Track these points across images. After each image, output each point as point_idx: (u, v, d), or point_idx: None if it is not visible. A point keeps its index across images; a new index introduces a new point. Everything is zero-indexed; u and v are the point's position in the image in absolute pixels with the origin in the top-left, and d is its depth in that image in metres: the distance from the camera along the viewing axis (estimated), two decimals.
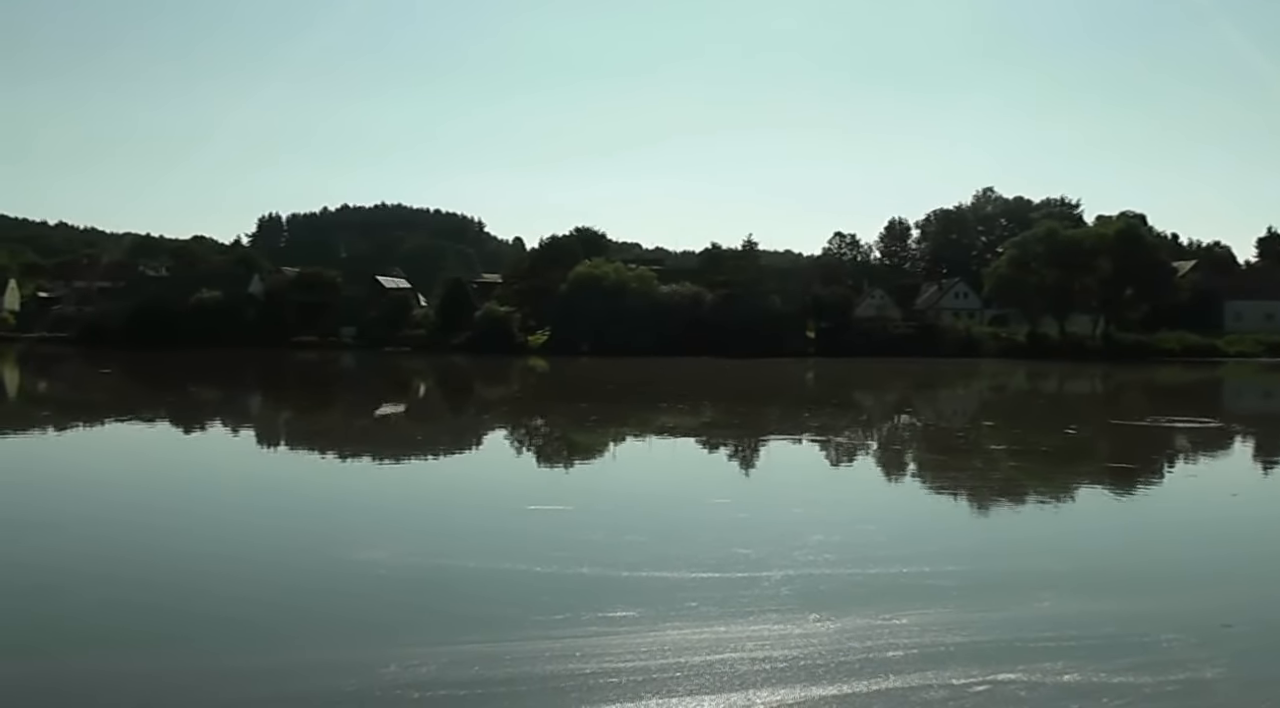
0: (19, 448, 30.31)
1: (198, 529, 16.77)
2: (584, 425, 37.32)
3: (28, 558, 14.44)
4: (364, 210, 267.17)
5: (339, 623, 11.25)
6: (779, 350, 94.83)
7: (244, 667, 9.66)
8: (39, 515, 18.00)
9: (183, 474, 24.10)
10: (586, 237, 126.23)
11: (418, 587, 12.76)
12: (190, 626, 11.20)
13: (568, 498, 20.33)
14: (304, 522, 17.69)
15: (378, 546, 14.74)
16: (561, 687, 9.01)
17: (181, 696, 9.00)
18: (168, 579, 13.23)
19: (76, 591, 12.62)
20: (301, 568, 13.97)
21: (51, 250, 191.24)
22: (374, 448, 29.91)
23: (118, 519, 17.70)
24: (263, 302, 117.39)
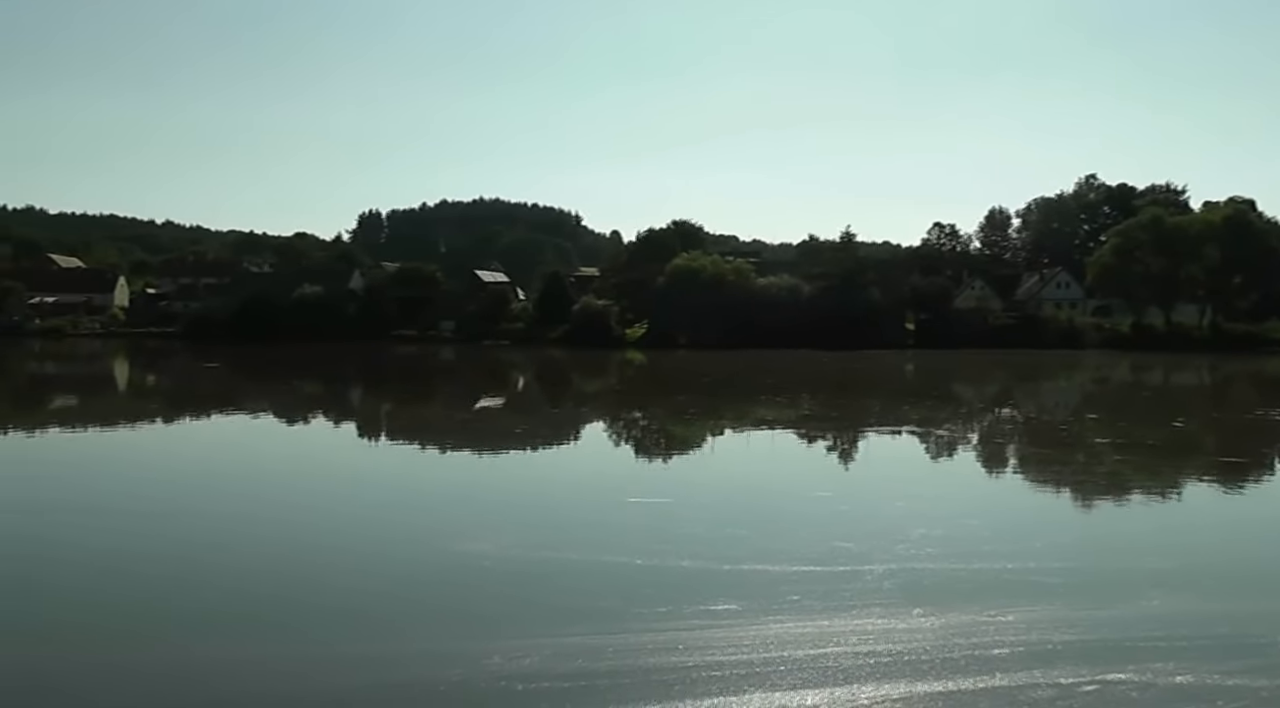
0: (129, 440, 31.07)
1: (304, 521, 17.08)
2: (682, 418, 37.34)
3: (142, 548, 14.79)
4: (463, 205, 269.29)
5: (444, 614, 11.39)
6: (877, 342, 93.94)
7: (352, 655, 9.82)
8: (152, 506, 18.43)
9: (287, 467, 24.56)
10: (684, 229, 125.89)
11: (521, 579, 12.87)
12: (300, 615, 11.44)
13: (668, 491, 20.38)
14: (408, 514, 17.92)
15: (481, 538, 14.89)
16: (665, 679, 9.03)
17: (293, 683, 9.16)
18: (277, 570, 13.51)
19: (190, 580, 12.93)
20: (407, 560, 14.14)
21: (159, 248, 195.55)
22: (474, 441, 30.17)
23: (227, 511, 18.07)
24: (363, 297, 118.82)
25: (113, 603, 11.89)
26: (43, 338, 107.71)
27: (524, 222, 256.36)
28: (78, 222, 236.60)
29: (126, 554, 14.29)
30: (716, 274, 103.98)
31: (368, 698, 8.82)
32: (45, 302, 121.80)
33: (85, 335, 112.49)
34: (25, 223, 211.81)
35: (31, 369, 70.21)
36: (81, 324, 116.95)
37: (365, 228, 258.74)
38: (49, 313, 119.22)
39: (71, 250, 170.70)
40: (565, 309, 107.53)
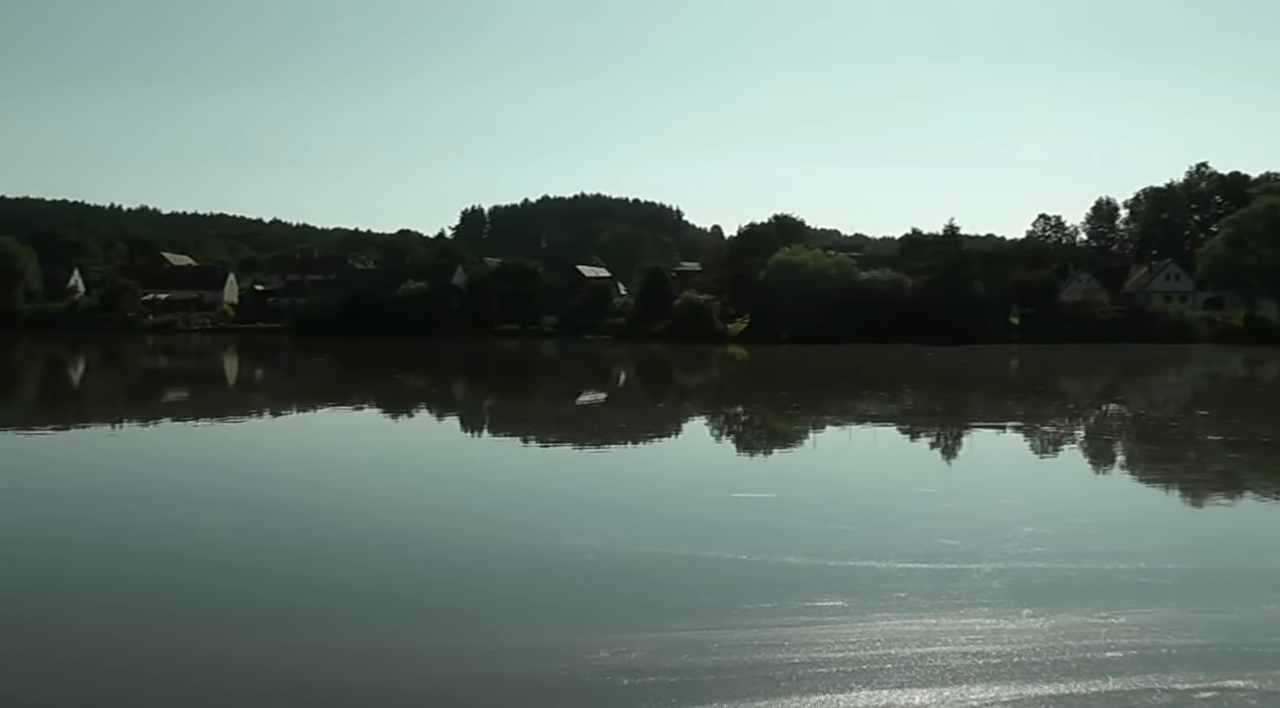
0: (239, 433, 31.73)
1: (408, 516, 17.28)
2: (784, 413, 37.20)
3: (264, 540, 15.12)
4: (564, 201, 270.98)
5: (549, 608, 11.46)
6: (981, 337, 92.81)
7: (458, 648, 9.93)
8: (244, 498, 18.82)
9: (389, 462, 24.85)
10: (785, 224, 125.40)
11: (625, 573, 12.92)
12: (407, 607, 11.58)
13: (771, 486, 20.29)
14: (511, 509, 18.04)
15: (585, 532, 14.96)
16: (771, 676, 9.01)
17: (400, 675, 9.28)
18: (380, 563, 13.69)
19: (294, 572, 13.17)
20: (511, 554, 14.24)
21: (267, 246, 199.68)
22: (576, 436, 30.32)
23: (327, 504, 18.37)
24: (466, 292, 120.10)
25: (217, 593, 12.16)
26: (156, 333, 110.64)
27: (625, 217, 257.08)
28: (189, 221, 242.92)
29: (228, 546, 14.59)
30: (818, 268, 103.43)
31: (474, 691, 8.90)
32: (158, 298, 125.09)
33: (196, 331, 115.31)
34: (140, 223, 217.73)
35: (145, 363, 72.05)
36: (193, 320, 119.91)
37: (468, 224, 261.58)
38: (162, 309, 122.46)
39: (183, 249, 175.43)
40: (666, 304, 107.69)
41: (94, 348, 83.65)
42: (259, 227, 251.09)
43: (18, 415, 36.72)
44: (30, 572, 13.13)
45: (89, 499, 18.39)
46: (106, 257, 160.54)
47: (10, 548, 14.51)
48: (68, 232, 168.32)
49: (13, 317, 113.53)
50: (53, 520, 16.37)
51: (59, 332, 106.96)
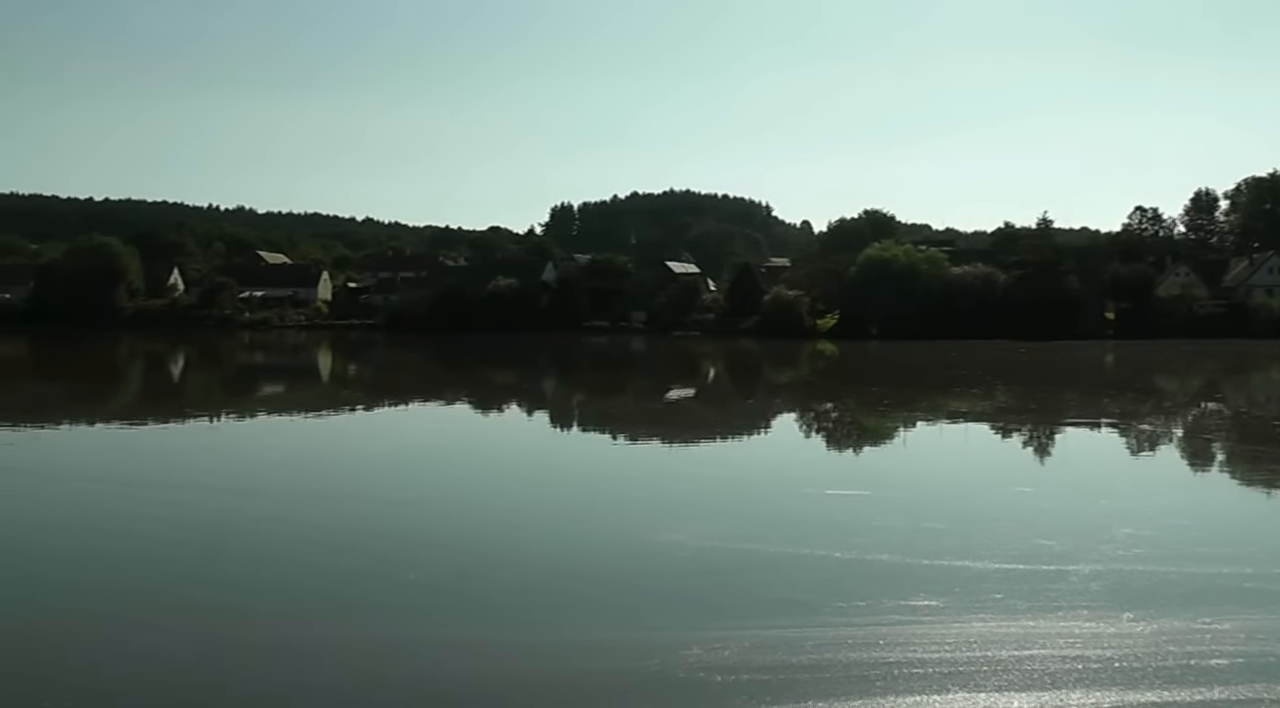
0: (333, 427, 32.18)
1: (502, 512, 17.36)
2: (875, 410, 36.88)
3: (362, 535, 15.31)
4: (653, 197, 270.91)
5: (642, 604, 11.48)
6: (1076, 333, 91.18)
7: (554, 642, 9.98)
8: (354, 495, 19.05)
9: (480, 457, 25.07)
10: (875, 219, 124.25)
11: (718, 570, 12.89)
12: (502, 602, 11.66)
13: (863, 483, 20.16)
14: (602, 504, 18.13)
15: (676, 528, 14.95)
16: (866, 675, 8.93)
17: (497, 668, 9.35)
18: (472, 557, 13.82)
19: (393, 562, 13.31)
20: (603, 550, 14.32)
21: (360, 244, 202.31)
22: (666, 431, 30.34)
23: (421, 498, 18.58)
24: (556, 288, 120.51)
25: (314, 586, 12.38)
26: (252, 330, 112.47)
27: (714, 213, 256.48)
28: (284, 220, 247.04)
29: (325, 539, 14.80)
30: (909, 264, 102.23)
31: (567, 686, 8.95)
32: (254, 296, 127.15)
33: (291, 327, 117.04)
34: (236, 222, 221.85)
35: (242, 359, 73.37)
36: (288, 317, 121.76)
37: (557, 221, 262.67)
38: (258, 306, 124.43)
39: (278, 248, 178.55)
40: (756, 300, 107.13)
41: (193, 344, 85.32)
42: (352, 225, 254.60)
43: (121, 410, 37.59)
44: (135, 564, 13.42)
45: (191, 490, 18.74)
46: (205, 256, 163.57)
47: (121, 539, 14.83)
48: (168, 232, 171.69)
49: (116, 314, 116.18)
50: (157, 513, 16.73)
51: (160, 328, 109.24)
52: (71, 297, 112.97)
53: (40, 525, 15.94)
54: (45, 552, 14.16)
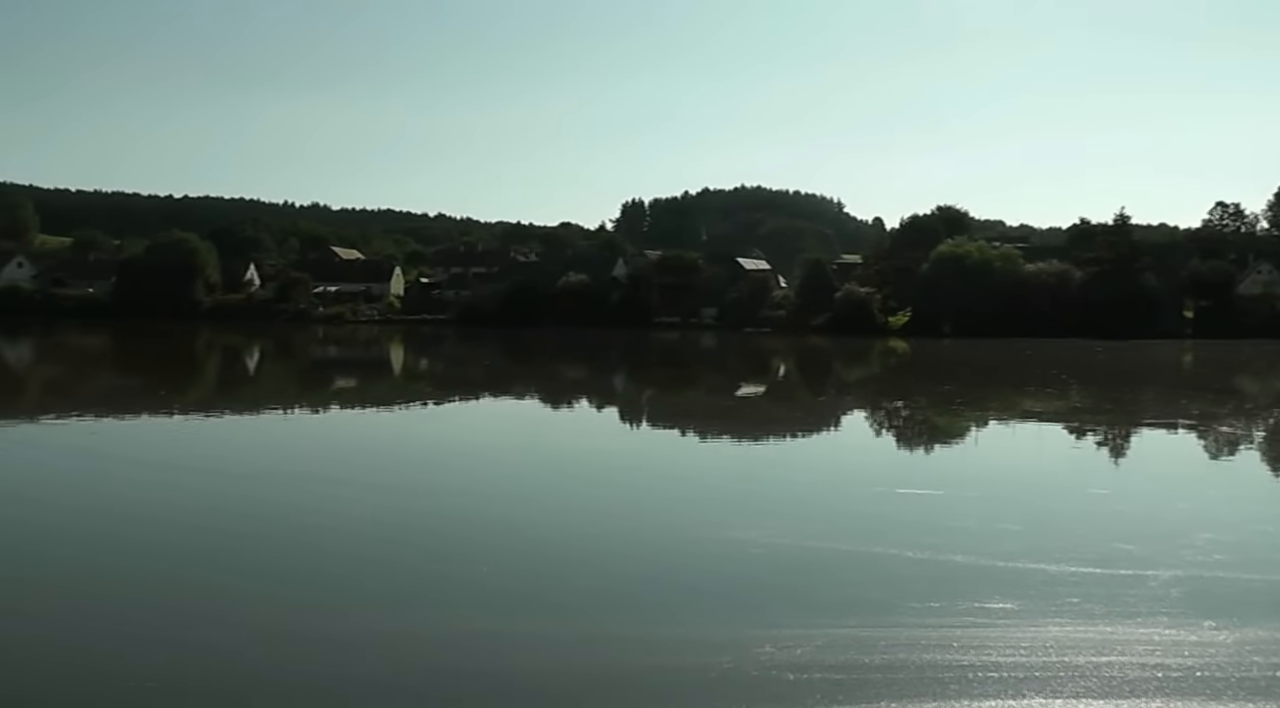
0: (405, 420, 32.46)
1: (573, 506, 17.45)
2: (947, 408, 36.52)
3: (435, 529, 15.41)
4: (724, 193, 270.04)
5: (714, 601, 11.45)
6: (1153, 331, 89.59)
7: (623, 638, 9.99)
8: (429, 488, 19.18)
9: (553, 452, 25.15)
10: (948, 215, 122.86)
11: (790, 568, 12.84)
12: (574, 597, 11.69)
13: (934, 482, 19.94)
14: (673, 500, 18.10)
15: (748, 526, 14.89)
16: (939, 678, 8.81)
17: (568, 661, 9.36)
18: (546, 551, 13.86)
19: (468, 556, 13.39)
20: (674, 546, 14.28)
21: (432, 240, 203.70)
22: (737, 428, 30.24)
23: (494, 493, 18.66)
24: (627, 284, 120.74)
25: (395, 577, 12.46)
26: (326, 324, 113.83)
27: (785, 209, 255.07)
28: (358, 217, 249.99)
29: (407, 531, 14.92)
30: (982, 260, 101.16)
31: (639, 681, 8.94)
32: (328, 291, 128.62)
33: (364, 322, 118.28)
34: (311, 219, 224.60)
35: (316, 353, 74.29)
36: (361, 311, 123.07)
37: (628, 217, 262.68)
38: (331, 301, 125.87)
39: (352, 243, 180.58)
40: (827, 297, 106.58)
41: (268, 338, 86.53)
42: (424, 221, 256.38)
43: (199, 401, 38.20)
44: (202, 550, 13.60)
45: (263, 481, 19.00)
46: (280, 251, 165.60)
47: (198, 528, 15.05)
48: (244, 228, 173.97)
49: (194, 308, 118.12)
50: (233, 501, 16.96)
51: (236, 322, 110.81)
52: (152, 291, 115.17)
53: (108, 514, 16.17)
54: (109, 540, 14.36)
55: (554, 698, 8.63)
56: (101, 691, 8.73)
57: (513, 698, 8.63)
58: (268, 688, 8.83)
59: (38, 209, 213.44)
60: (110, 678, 8.97)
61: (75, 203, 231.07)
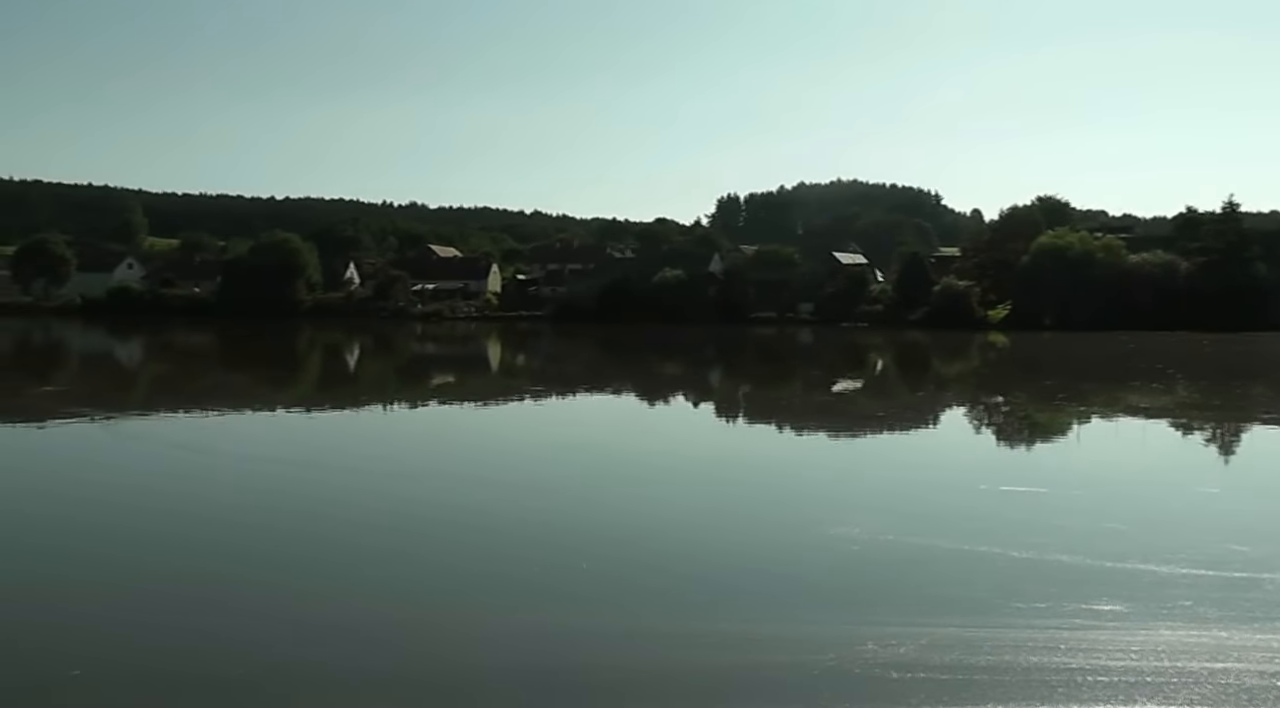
0: (502, 415, 32.69)
1: (668, 502, 17.42)
2: (1049, 404, 35.92)
3: (530, 522, 15.49)
4: (820, 187, 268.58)
5: (815, 597, 11.36)
6: (1264, 324, 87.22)
7: (724, 634, 9.88)
8: (508, 476, 19.26)
9: (648, 446, 25.16)
10: (1048, 205, 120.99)
11: (891, 565, 12.69)
12: (671, 592, 11.63)
13: (1036, 479, 19.58)
14: (770, 495, 17.99)
15: (848, 521, 14.74)
16: (1047, 680, 8.61)
17: (665, 657, 9.29)
18: (644, 549, 13.84)
19: (565, 548, 13.44)
20: (774, 541, 14.18)
21: (528, 237, 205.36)
22: (834, 423, 30.03)
23: (585, 489, 18.74)
24: (722, 280, 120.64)
25: (481, 571, 12.53)
26: (424, 321, 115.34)
27: (882, 202, 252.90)
28: (455, 215, 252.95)
29: (492, 524, 14.99)
30: (1084, 252, 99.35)
31: (740, 678, 8.84)
32: (426, 288, 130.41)
33: (462, 319, 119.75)
34: (409, 218, 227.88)
35: (414, 350, 75.20)
36: (458, 308, 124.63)
37: (724, 212, 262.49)
38: (429, 298, 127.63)
39: (449, 241, 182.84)
40: (925, 290, 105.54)
41: (368, 335, 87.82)
42: (520, 218, 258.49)
43: (301, 397, 38.86)
44: (306, 543, 13.80)
45: (362, 475, 19.20)
46: (379, 250, 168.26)
47: (297, 519, 15.28)
48: (344, 227, 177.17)
49: (296, 306, 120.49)
50: (339, 494, 17.19)
51: (336, 320, 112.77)
52: (255, 290, 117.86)
53: (214, 501, 16.47)
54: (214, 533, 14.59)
55: (649, 695, 8.59)
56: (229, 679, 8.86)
57: (605, 695, 8.60)
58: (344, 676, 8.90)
59: (146, 213, 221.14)
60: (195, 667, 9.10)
61: (182, 206, 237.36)
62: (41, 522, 15.55)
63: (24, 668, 9.13)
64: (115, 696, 8.54)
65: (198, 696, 8.52)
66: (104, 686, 8.71)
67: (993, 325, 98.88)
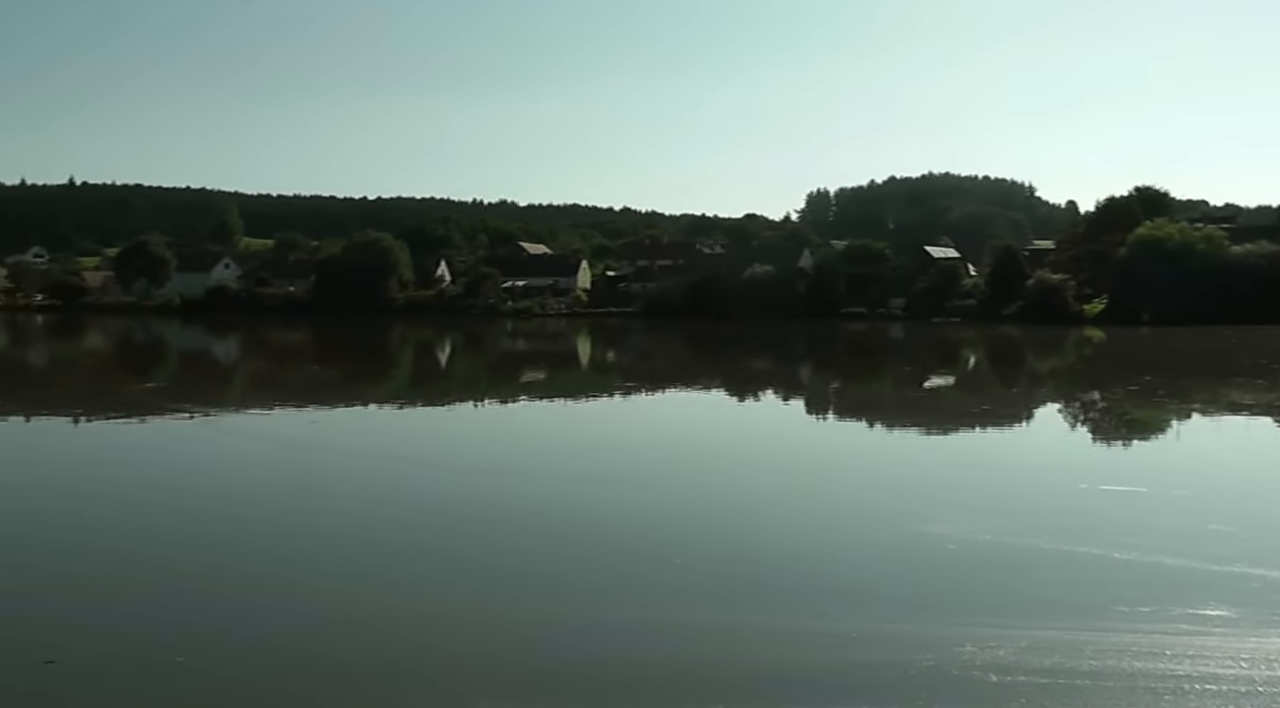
0: (591, 411, 32.76)
1: (762, 498, 17.33)
2: (1148, 400, 35.14)
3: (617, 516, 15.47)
4: (910, 181, 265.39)
5: (911, 597, 11.17)
6: None
7: (819, 632, 9.75)
8: (620, 477, 19.25)
9: (737, 442, 25.01)
10: (1146, 196, 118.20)
11: (988, 564, 12.50)
12: (766, 589, 11.57)
13: (1136, 478, 19.17)
14: (863, 492, 17.82)
15: (942, 520, 14.54)
16: (1153, 687, 8.35)
17: (758, 654, 9.20)
18: (738, 544, 13.75)
19: (659, 546, 13.33)
20: (867, 538, 14.05)
21: (617, 233, 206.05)
22: (926, 420, 29.67)
23: (682, 483, 18.63)
24: (813, 275, 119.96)
25: (570, 565, 12.57)
26: (514, 318, 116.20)
27: (974, 195, 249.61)
28: (545, 212, 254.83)
29: (584, 518, 14.98)
30: (1184, 243, 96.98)
31: (837, 676, 8.72)
32: (516, 285, 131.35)
33: (552, 315, 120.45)
34: (499, 216, 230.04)
35: (505, 346, 75.75)
36: (548, 305, 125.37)
37: (813, 207, 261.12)
38: (520, 295, 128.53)
39: (539, 238, 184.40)
40: (1018, 284, 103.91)
41: (459, 332, 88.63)
42: (609, 215, 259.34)
43: (393, 392, 39.33)
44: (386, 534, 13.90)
45: (457, 471, 19.32)
46: (470, 248, 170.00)
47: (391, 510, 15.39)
48: (435, 226, 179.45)
49: (388, 304, 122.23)
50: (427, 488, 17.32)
51: (428, 317, 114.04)
52: (348, 288, 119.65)
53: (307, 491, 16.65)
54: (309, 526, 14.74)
55: (746, 692, 8.49)
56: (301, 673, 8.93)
57: (705, 691, 8.52)
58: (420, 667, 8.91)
59: (242, 214, 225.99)
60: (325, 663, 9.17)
61: (276, 207, 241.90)
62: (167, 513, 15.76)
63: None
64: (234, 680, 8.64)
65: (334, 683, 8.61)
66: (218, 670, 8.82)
67: (1088, 320, 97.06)
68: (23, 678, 8.43)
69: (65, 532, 14.68)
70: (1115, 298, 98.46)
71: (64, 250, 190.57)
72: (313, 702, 8.46)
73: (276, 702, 8.50)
